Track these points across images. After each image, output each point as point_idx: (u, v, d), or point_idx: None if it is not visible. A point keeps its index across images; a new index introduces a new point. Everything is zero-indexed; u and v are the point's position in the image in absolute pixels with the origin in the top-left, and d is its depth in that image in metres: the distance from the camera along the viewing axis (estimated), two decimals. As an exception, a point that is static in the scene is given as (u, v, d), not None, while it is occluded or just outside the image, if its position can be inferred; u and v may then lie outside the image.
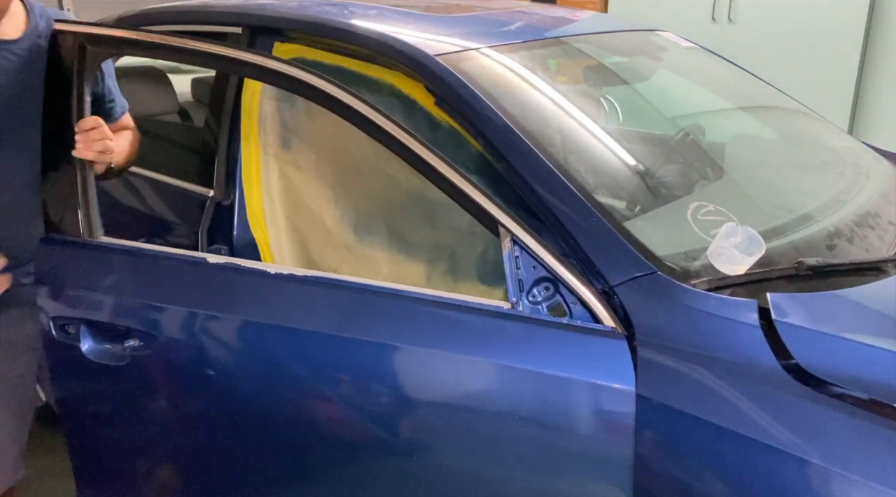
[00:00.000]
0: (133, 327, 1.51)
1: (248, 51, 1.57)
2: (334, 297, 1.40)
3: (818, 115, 2.17)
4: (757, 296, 1.21)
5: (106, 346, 1.54)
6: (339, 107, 1.44)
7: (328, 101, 1.45)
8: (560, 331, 1.25)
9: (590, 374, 1.21)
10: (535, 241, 1.29)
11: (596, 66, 1.99)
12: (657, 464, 1.16)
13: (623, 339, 1.21)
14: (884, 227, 1.56)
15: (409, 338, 1.33)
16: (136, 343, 1.50)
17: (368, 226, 1.75)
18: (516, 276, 1.29)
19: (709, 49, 2.29)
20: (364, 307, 1.37)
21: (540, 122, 1.52)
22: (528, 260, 1.29)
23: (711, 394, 1.13)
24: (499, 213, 1.31)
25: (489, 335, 1.28)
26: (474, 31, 1.78)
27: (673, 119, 2.13)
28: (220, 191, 1.80)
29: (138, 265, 1.57)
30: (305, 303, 1.42)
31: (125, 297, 1.54)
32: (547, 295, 1.28)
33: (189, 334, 1.49)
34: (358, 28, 1.64)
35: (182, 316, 1.49)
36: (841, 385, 1.08)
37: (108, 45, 1.64)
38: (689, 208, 1.45)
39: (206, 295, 1.49)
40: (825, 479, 1.03)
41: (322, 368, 1.38)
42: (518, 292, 1.29)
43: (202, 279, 1.50)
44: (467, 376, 1.30)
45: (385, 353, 1.34)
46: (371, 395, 1.35)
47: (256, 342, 1.44)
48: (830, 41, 4.38)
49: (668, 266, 1.27)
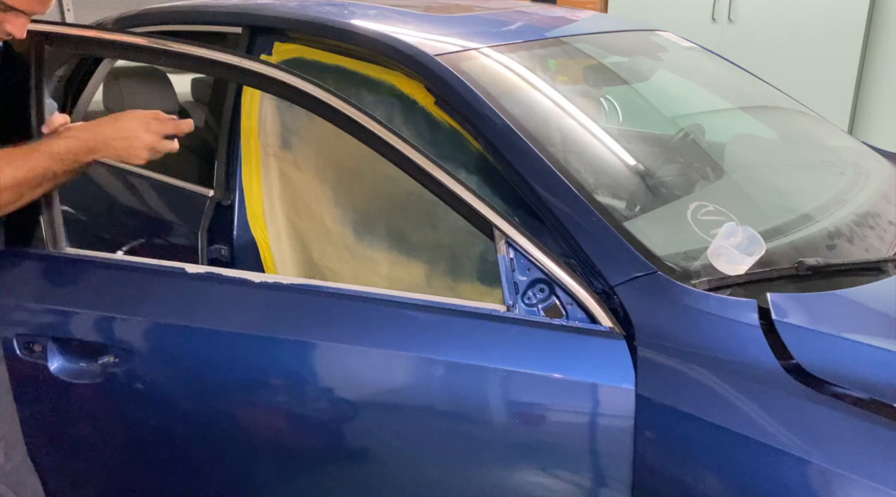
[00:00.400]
0: (107, 343, 1.44)
1: (215, 49, 1.51)
2: (327, 305, 1.37)
3: (818, 115, 2.17)
4: (757, 296, 1.21)
5: (78, 364, 1.47)
6: (315, 105, 1.42)
7: (303, 98, 1.43)
8: (557, 332, 1.24)
9: (588, 375, 1.21)
10: (530, 243, 1.28)
11: (596, 66, 1.99)
12: (657, 463, 1.16)
13: (621, 338, 1.21)
14: (884, 227, 1.56)
15: (406, 344, 1.31)
16: (112, 359, 1.44)
17: (368, 226, 1.75)
18: (512, 278, 1.28)
19: (709, 49, 2.29)
20: (365, 315, 1.34)
21: (540, 122, 1.52)
22: (524, 262, 1.28)
23: (711, 394, 1.13)
24: (493, 216, 1.30)
25: (485, 339, 1.27)
26: (474, 31, 1.78)
27: (673, 119, 2.13)
28: (220, 191, 1.80)
29: (107, 277, 1.49)
30: (293, 311, 1.38)
31: (96, 312, 1.46)
32: (542, 297, 1.27)
33: (167, 347, 1.42)
34: (358, 28, 1.64)
35: (160, 329, 1.42)
36: (841, 385, 1.08)
37: (66, 45, 1.58)
38: (689, 208, 1.45)
39: (183, 306, 1.43)
40: (825, 479, 1.03)
41: (320, 379, 1.36)
42: (514, 295, 1.28)
43: (180, 290, 1.44)
44: (463, 382, 1.28)
45: (380, 360, 1.32)
46: (371, 402, 1.33)
47: (240, 353, 1.39)
48: (830, 41, 4.38)
49: (668, 266, 1.27)
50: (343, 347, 1.33)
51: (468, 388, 1.27)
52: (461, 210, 1.34)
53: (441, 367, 1.28)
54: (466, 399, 1.28)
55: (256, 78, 1.48)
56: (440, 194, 1.35)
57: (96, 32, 1.60)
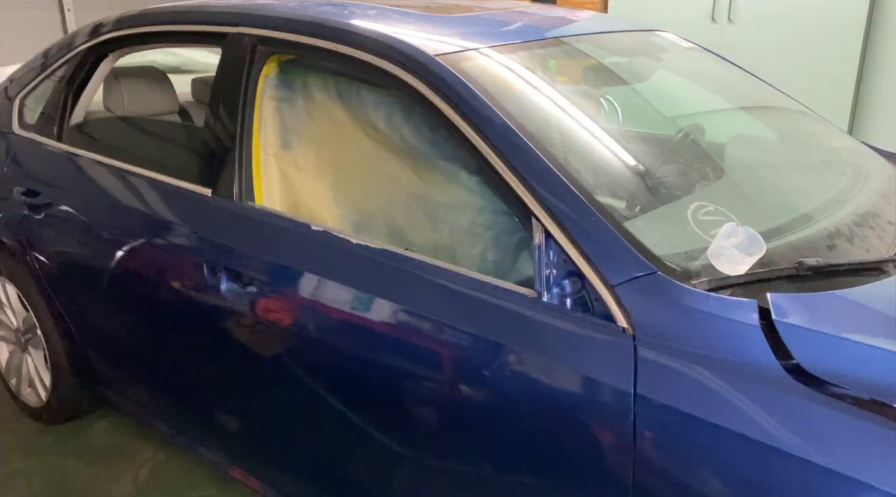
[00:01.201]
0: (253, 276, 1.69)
1: None
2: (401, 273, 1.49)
3: (818, 115, 2.17)
4: (757, 296, 1.21)
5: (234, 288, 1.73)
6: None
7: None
8: (577, 326, 1.26)
9: (593, 372, 1.22)
10: (565, 237, 1.30)
11: (596, 66, 1.99)
12: (657, 463, 1.16)
13: (631, 339, 1.21)
14: (884, 227, 1.56)
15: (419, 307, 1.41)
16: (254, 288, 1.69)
17: (368, 226, 1.75)
18: (544, 267, 1.31)
19: (709, 49, 2.29)
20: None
21: (540, 122, 1.52)
22: (557, 254, 1.31)
23: (711, 394, 1.13)
24: (535, 206, 1.34)
25: (511, 321, 1.32)
26: (474, 31, 1.78)
27: (673, 119, 2.13)
28: (220, 190, 1.80)
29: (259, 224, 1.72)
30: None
31: (247, 253, 1.72)
32: (574, 289, 1.29)
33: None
34: (358, 28, 1.64)
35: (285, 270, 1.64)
36: (841, 385, 1.08)
37: (279, 48, 1.66)
38: (689, 208, 1.45)
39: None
40: (825, 479, 1.03)
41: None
42: (544, 284, 1.30)
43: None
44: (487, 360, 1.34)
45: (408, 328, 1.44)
46: (389, 376, 1.46)
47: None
48: (830, 41, 4.38)
49: (668, 266, 1.27)
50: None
51: (482, 366, 1.34)
52: (504, 195, 1.39)
53: (467, 339, 1.36)
54: (477, 376, 1.34)
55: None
56: (485, 178, 1.40)
57: (308, 38, 1.69)
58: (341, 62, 1.67)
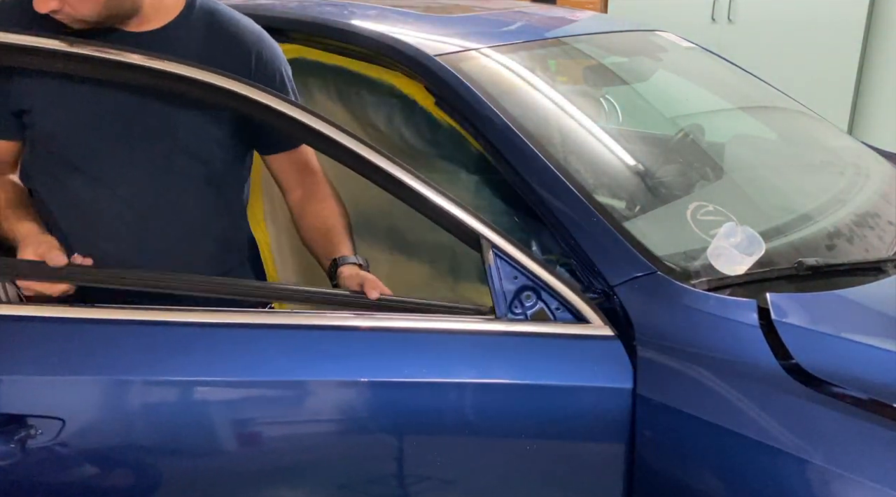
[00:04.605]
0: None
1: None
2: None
3: (818, 115, 2.17)
4: (757, 296, 1.21)
5: None
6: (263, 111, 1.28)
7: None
8: (545, 339, 1.23)
9: (585, 378, 1.20)
10: (517, 250, 1.23)
11: (596, 66, 1.99)
12: (657, 464, 1.16)
13: (616, 338, 1.21)
14: (884, 227, 1.56)
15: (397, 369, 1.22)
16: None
17: (368, 226, 1.75)
18: (501, 288, 1.23)
19: (709, 49, 2.29)
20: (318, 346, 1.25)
21: (540, 122, 1.52)
22: (509, 270, 1.23)
23: (711, 394, 1.13)
24: (479, 226, 1.24)
25: (477, 352, 1.24)
26: (474, 31, 1.78)
27: (673, 119, 2.13)
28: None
29: None
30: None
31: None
32: (530, 304, 1.24)
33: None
34: (358, 28, 1.64)
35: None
36: (841, 385, 1.08)
37: None
38: (688, 208, 1.45)
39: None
40: (825, 479, 1.03)
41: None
42: (504, 306, 1.23)
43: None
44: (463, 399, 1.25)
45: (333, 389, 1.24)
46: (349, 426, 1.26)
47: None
48: (830, 41, 4.38)
49: (667, 266, 1.27)
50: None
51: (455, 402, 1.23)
52: (445, 223, 1.27)
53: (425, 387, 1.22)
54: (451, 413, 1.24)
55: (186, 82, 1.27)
56: (421, 208, 1.27)
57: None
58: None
